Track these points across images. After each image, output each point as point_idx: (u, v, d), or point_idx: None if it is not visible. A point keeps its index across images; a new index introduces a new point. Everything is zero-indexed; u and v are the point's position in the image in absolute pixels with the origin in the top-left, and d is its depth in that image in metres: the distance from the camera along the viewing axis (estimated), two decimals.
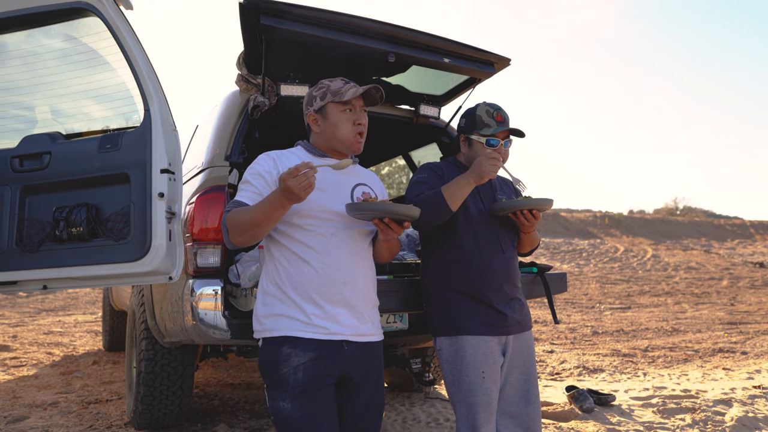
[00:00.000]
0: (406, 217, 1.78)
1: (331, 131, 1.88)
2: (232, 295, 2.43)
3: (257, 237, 1.75)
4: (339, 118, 1.87)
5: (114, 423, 3.34)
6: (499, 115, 2.18)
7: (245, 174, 1.86)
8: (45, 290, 2.35)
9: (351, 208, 1.77)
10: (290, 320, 1.76)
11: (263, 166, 1.85)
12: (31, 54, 2.46)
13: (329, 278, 1.78)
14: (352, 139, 1.88)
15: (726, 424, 3.41)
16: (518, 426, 2.12)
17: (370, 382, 1.87)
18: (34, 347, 6.04)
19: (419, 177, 2.20)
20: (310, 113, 1.91)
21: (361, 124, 1.89)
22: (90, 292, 11.00)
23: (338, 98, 1.85)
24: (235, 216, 1.74)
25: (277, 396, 1.74)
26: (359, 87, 1.88)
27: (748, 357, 5.95)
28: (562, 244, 20.55)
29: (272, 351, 1.77)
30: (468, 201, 2.14)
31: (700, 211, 39.39)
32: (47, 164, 2.30)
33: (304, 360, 1.73)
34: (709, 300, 11.41)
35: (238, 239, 1.75)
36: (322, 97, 1.88)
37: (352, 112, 1.88)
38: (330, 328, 1.76)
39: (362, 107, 1.92)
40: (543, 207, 2.09)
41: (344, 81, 1.91)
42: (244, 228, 1.72)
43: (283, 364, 1.74)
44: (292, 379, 1.73)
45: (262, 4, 2.32)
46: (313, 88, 1.93)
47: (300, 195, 1.60)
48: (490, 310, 2.10)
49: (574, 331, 7.54)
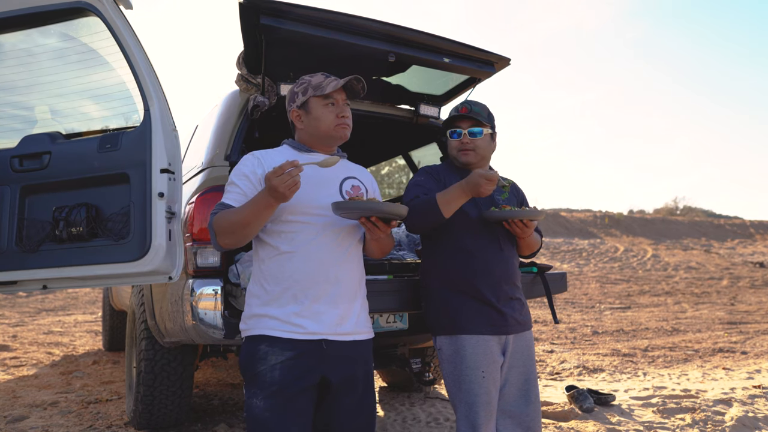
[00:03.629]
0: (393, 216, 1.75)
1: (314, 126, 1.87)
2: (231, 295, 2.43)
3: (246, 238, 1.74)
4: (322, 113, 1.86)
5: (114, 423, 3.34)
6: (464, 107, 2.20)
7: (231, 175, 1.85)
8: (45, 290, 2.35)
9: (337, 207, 1.74)
10: (269, 319, 1.75)
11: (248, 166, 1.83)
12: (31, 54, 2.46)
13: (311, 274, 1.76)
14: (336, 129, 1.86)
15: (726, 423, 3.41)
16: (518, 426, 2.12)
17: (357, 385, 1.83)
18: (34, 347, 6.04)
19: (416, 180, 2.21)
20: (293, 109, 1.90)
21: (344, 117, 1.88)
22: (90, 292, 11.00)
23: (320, 92, 1.84)
24: (223, 218, 1.72)
25: (252, 393, 1.73)
26: (340, 80, 1.87)
27: (748, 357, 5.95)
28: (562, 243, 20.55)
29: (251, 348, 1.76)
30: (468, 201, 2.15)
31: (700, 211, 39.37)
32: (47, 164, 2.29)
33: (281, 359, 1.72)
34: (709, 300, 11.41)
35: (226, 241, 1.74)
36: (304, 92, 1.87)
37: (334, 105, 1.87)
38: (307, 327, 1.74)
39: (344, 100, 1.90)
40: (532, 218, 2.09)
41: (325, 75, 1.90)
42: (232, 229, 1.71)
43: (261, 362, 1.73)
44: (269, 377, 1.71)
45: (262, 4, 2.32)
46: (294, 84, 1.93)
47: (285, 194, 1.60)
48: (490, 310, 2.10)
49: (574, 331, 7.54)
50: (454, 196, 2.01)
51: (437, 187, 2.15)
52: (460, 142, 2.19)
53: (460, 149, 2.20)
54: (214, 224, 1.74)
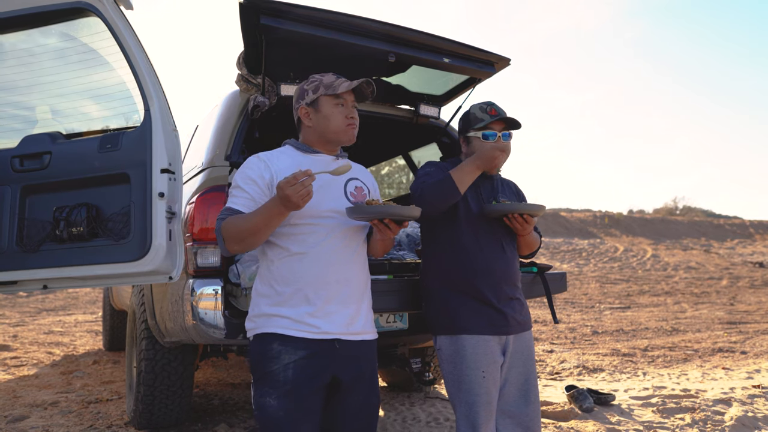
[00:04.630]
0: (407, 218, 1.79)
1: (324, 124, 1.87)
2: (232, 294, 2.44)
3: (255, 245, 1.75)
4: (331, 112, 1.86)
5: (114, 423, 3.34)
6: (493, 109, 2.19)
7: (236, 178, 1.83)
8: (45, 290, 2.36)
9: (352, 211, 1.77)
10: (281, 318, 1.76)
11: (254, 170, 1.81)
12: (31, 54, 2.46)
13: (323, 275, 1.78)
14: (345, 129, 1.87)
15: (725, 423, 3.41)
16: (518, 425, 2.12)
17: (363, 383, 1.85)
18: (35, 347, 6.04)
19: (426, 170, 2.21)
20: (302, 106, 1.90)
21: (353, 118, 1.89)
22: (90, 291, 11.00)
23: (331, 91, 1.85)
24: (232, 224, 1.72)
25: (264, 392, 1.74)
26: (351, 81, 1.88)
27: (747, 356, 5.95)
28: (562, 243, 20.55)
29: (262, 347, 1.77)
30: (469, 200, 2.15)
31: (699, 211, 39.36)
32: (47, 164, 2.30)
33: (294, 358, 1.73)
34: (709, 300, 11.41)
35: (235, 247, 1.74)
36: (315, 90, 1.87)
37: (344, 107, 1.87)
38: (321, 327, 1.76)
39: (353, 102, 1.91)
40: (534, 212, 2.09)
41: (336, 76, 1.91)
42: (241, 236, 1.71)
43: (274, 361, 1.73)
44: (282, 376, 1.72)
45: (262, 4, 2.33)
46: (305, 82, 1.93)
47: (298, 203, 1.60)
48: (491, 310, 2.10)
49: (573, 331, 7.54)
50: (467, 171, 2.04)
51: None
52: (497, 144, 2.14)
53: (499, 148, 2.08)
54: (222, 230, 1.73)
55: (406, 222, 1.83)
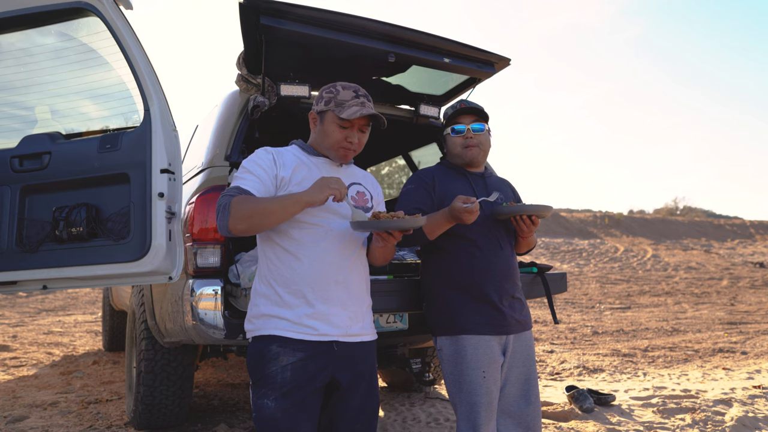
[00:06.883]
0: (412, 228, 1.77)
1: (322, 137, 1.88)
2: (232, 295, 2.43)
3: (260, 228, 1.73)
4: (333, 130, 1.85)
5: (114, 423, 3.34)
6: (463, 104, 2.21)
7: (245, 164, 1.82)
8: (45, 290, 2.36)
9: (357, 226, 1.75)
10: (279, 320, 1.76)
11: (264, 161, 1.82)
12: (31, 54, 2.46)
13: (322, 277, 1.78)
14: (338, 150, 1.86)
15: (726, 424, 3.41)
16: (518, 426, 2.12)
17: (362, 385, 1.85)
18: (34, 347, 6.04)
19: (407, 188, 2.24)
20: (312, 112, 1.91)
21: (351, 143, 1.86)
22: (90, 292, 11.00)
23: (338, 112, 1.83)
24: (244, 201, 1.68)
25: (262, 393, 1.74)
26: (363, 109, 1.82)
27: (748, 357, 5.95)
28: (562, 244, 20.55)
29: (261, 348, 1.77)
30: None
31: (700, 211, 39.39)
32: (47, 164, 2.30)
33: (293, 360, 1.73)
34: (709, 300, 11.41)
35: (240, 226, 1.68)
36: (327, 102, 1.86)
37: (348, 129, 1.85)
38: (319, 329, 1.75)
39: (362, 126, 1.87)
40: (543, 213, 2.10)
41: (354, 94, 1.86)
42: (251, 214, 1.67)
43: (272, 363, 1.74)
44: (280, 377, 1.72)
45: (262, 4, 2.33)
46: (326, 88, 1.90)
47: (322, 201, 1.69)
48: (491, 310, 2.10)
49: (574, 331, 7.54)
50: (439, 223, 2.05)
51: (427, 197, 2.17)
52: (464, 138, 2.20)
53: (465, 145, 2.20)
54: (232, 206, 1.68)
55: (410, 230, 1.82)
